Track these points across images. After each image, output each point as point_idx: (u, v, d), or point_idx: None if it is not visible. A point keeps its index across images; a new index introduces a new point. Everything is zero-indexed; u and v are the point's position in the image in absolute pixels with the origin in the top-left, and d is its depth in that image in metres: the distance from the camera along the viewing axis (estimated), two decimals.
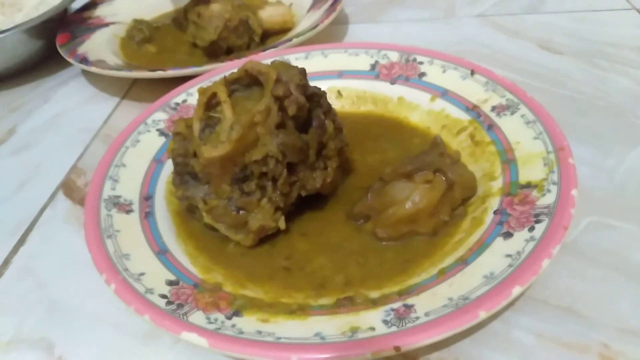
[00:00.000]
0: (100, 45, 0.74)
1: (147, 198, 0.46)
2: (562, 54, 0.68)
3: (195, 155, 0.42)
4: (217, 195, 0.42)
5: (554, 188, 0.40)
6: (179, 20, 0.77)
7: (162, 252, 0.41)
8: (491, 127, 0.49)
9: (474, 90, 0.53)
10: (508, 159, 0.46)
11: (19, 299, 0.44)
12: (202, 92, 0.42)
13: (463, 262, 0.38)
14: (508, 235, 0.38)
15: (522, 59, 0.68)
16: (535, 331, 0.37)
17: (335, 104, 0.58)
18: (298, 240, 0.44)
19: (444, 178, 0.42)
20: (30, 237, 0.50)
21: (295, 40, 0.65)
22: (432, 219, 0.42)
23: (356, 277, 0.40)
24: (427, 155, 0.43)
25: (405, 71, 0.58)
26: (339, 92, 0.59)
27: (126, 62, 0.70)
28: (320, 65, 0.61)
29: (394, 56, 0.60)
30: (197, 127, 0.42)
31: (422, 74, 0.57)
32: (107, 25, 0.80)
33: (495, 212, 0.41)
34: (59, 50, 0.71)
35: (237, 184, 0.42)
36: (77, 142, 0.62)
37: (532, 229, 0.38)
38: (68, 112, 0.68)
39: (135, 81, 0.72)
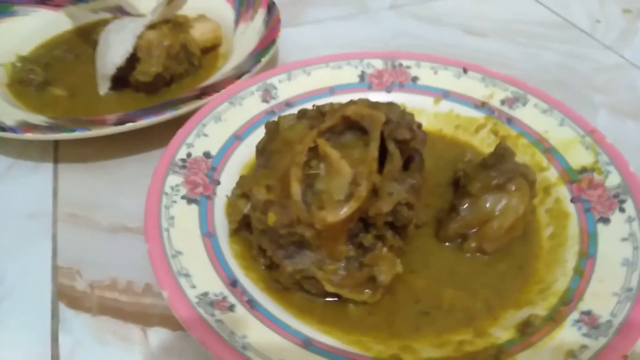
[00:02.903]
0: None
1: (233, 284, 0.38)
2: (486, 36, 0.75)
3: (300, 222, 0.36)
4: (334, 258, 0.37)
5: (611, 168, 0.45)
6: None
7: (307, 342, 0.35)
8: (511, 120, 0.53)
9: (474, 87, 0.56)
10: (546, 149, 0.49)
11: None
12: (299, 150, 0.36)
13: (586, 255, 0.40)
14: (605, 220, 0.42)
15: (458, 46, 0.73)
16: None
17: None
18: (413, 279, 0.41)
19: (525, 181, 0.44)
20: None
21: (263, 61, 0.59)
22: (523, 221, 0.44)
23: (491, 298, 0.40)
24: (506, 162, 0.44)
25: (397, 77, 0.58)
26: None
27: (52, 117, 0.55)
28: (307, 85, 0.56)
29: (378, 64, 0.59)
30: (297, 190, 0.36)
31: (415, 78, 0.57)
32: None
33: (572, 201, 0.45)
34: None
35: (352, 239, 0.38)
36: (38, 234, 0.47)
37: (622, 210, 0.42)
38: None
39: None
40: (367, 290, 0.38)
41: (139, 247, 0.45)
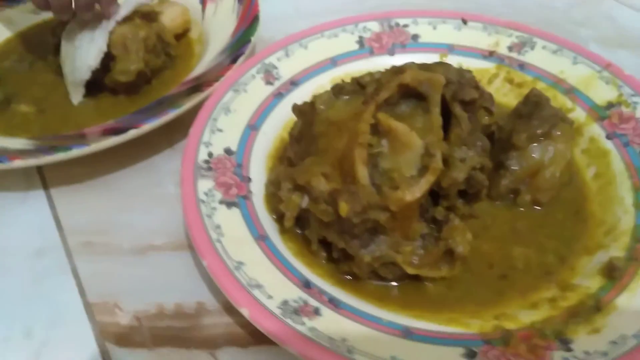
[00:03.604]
0: None
1: (306, 285, 0.35)
2: None
3: (371, 206, 0.33)
4: (409, 238, 0.35)
5: (637, 99, 0.46)
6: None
7: (407, 332, 0.33)
8: (523, 65, 0.52)
9: (477, 38, 0.54)
10: (567, 89, 0.49)
11: None
12: (361, 129, 0.33)
13: (639, 188, 0.40)
14: None
15: (449, 5, 0.70)
16: None
17: None
18: (479, 245, 0.40)
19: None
20: None
21: (253, 40, 0.54)
22: (569, 166, 0.43)
23: (560, 248, 0.39)
24: (544, 109, 0.43)
25: (397, 38, 0.55)
26: (342, 81, 0.52)
27: (30, 138, 0.48)
28: (307, 59, 0.53)
29: (374, 26, 0.56)
30: (364, 173, 0.33)
31: (416, 36, 0.55)
32: None
33: (608, 137, 0.45)
34: None
35: (423, 215, 0.36)
36: (54, 272, 0.42)
37: None
38: None
39: None
40: (446, 266, 0.36)
41: (175, 264, 0.42)
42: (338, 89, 0.38)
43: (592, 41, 0.63)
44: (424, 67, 0.36)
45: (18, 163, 0.43)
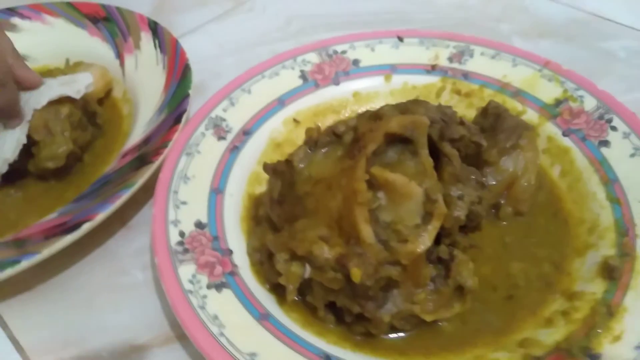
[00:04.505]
0: None
1: (327, 359, 0.33)
2: None
3: (381, 264, 0.32)
4: (420, 286, 0.34)
5: (582, 92, 0.48)
6: None
7: None
8: (467, 75, 0.52)
9: (417, 53, 0.54)
10: (513, 92, 0.50)
11: None
12: (357, 188, 0.31)
13: (609, 181, 0.42)
14: (605, 143, 0.44)
15: (353, 14, 0.70)
16: None
17: (297, 132, 0.50)
18: (477, 268, 0.39)
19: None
20: None
21: (191, 92, 0.50)
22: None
23: (552, 254, 0.40)
24: (506, 120, 0.44)
25: (338, 66, 0.54)
26: (294, 120, 0.51)
27: None
28: (253, 104, 0.50)
29: (313, 57, 0.54)
30: (369, 232, 0.31)
31: (356, 61, 0.54)
32: None
33: (564, 134, 0.46)
34: None
35: (429, 257, 0.34)
36: None
37: (614, 128, 0.45)
38: None
39: None
40: (459, 303, 0.35)
41: None
42: (313, 143, 0.36)
43: (514, 35, 0.65)
44: (401, 108, 0.35)
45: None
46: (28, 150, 0.47)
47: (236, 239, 0.40)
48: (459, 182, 0.33)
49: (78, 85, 0.48)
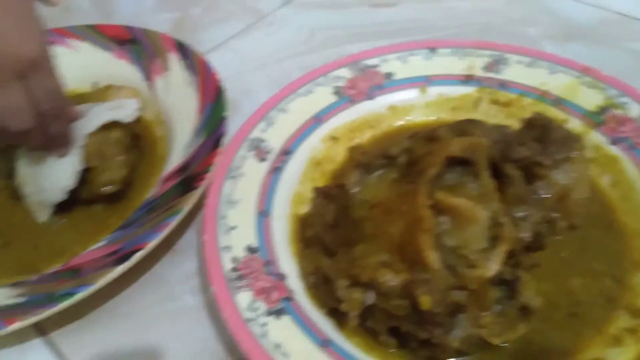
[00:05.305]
0: None
1: None
2: (394, 4, 0.73)
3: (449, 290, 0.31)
4: (485, 309, 0.33)
5: (625, 99, 0.47)
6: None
7: None
8: (504, 84, 0.52)
9: (450, 63, 0.53)
10: (554, 101, 0.49)
11: None
12: (422, 214, 0.30)
13: None
14: None
15: (374, 23, 0.70)
16: None
17: (336, 149, 0.49)
18: (538, 287, 0.38)
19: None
20: None
21: (226, 115, 0.50)
22: None
23: (612, 268, 0.39)
24: (554, 132, 0.43)
25: (371, 81, 0.53)
26: (332, 137, 0.50)
27: (8, 284, 0.41)
28: (290, 123, 0.49)
29: (345, 73, 0.53)
30: (435, 259, 0.31)
31: (389, 75, 0.53)
32: None
33: (612, 143, 0.45)
34: None
35: (493, 280, 0.34)
36: None
37: None
38: None
39: None
40: (523, 323, 0.35)
41: None
42: (365, 167, 0.36)
43: (544, 39, 0.64)
44: (456, 129, 0.35)
45: (17, 325, 0.36)
46: (83, 178, 0.46)
47: (288, 263, 0.40)
48: (522, 204, 0.33)
49: (126, 110, 0.48)
